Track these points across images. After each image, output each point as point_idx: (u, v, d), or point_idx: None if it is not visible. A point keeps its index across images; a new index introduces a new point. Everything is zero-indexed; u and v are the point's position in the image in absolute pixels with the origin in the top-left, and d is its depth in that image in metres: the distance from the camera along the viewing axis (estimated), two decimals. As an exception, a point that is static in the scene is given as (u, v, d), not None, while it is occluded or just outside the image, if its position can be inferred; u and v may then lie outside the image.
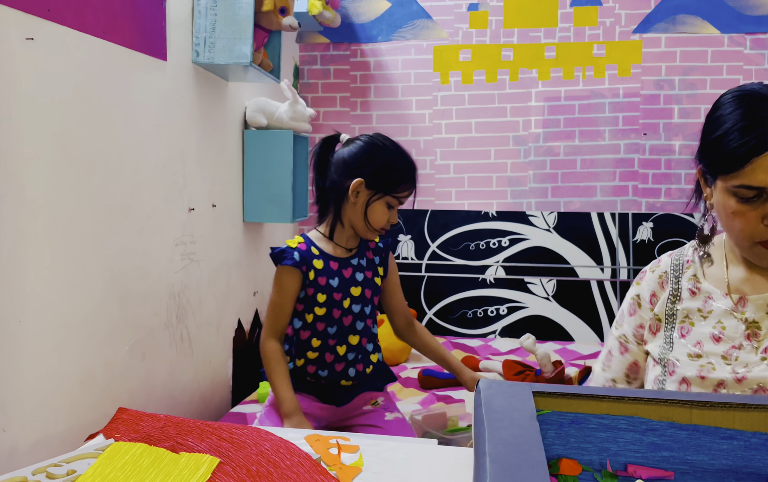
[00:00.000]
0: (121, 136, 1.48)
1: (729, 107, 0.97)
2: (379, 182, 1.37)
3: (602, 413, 0.75)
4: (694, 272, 1.09)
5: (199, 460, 0.80)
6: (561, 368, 2.03)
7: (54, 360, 1.27)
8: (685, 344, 1.05)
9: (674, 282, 1.10)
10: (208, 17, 1.80)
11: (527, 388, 0.75)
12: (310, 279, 1.37)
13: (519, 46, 2.74)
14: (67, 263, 1.31)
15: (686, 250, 1.13)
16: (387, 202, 1.39)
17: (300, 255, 1.37)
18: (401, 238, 2.81)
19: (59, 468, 0.80)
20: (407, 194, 1.42)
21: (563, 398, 0.75)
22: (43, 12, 1.21)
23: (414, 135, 2.82)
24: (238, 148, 2.18)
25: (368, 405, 1.45)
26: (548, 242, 2.73)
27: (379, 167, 1.37)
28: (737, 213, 0.95)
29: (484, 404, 0.70)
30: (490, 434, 0.62)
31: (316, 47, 2.88)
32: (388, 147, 1.40)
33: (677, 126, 2.63)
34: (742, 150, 0.91)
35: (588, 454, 0.75)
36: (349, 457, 0.88)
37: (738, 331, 1.01)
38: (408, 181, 1.41)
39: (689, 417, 0.74)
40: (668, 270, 1.12)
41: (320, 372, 1.40)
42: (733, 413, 0.73)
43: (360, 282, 1.41)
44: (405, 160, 1.41)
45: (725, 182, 0.96)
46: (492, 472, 0.54)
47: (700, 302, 1.06)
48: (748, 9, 2.58)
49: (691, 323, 1.06)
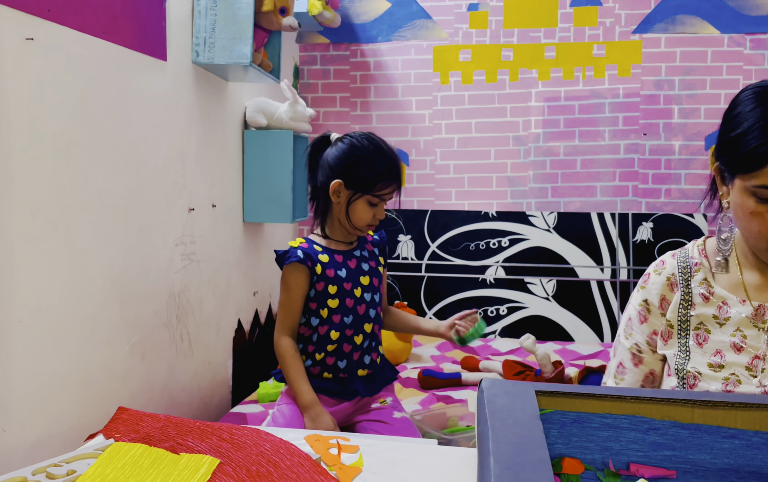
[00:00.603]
0: (121, 136, 1.48)
1: (749, 104, 0.93)
2: (357, 182, 1.39)
3: (604, 412, 0.75)
4: (704, 276, 1.04)
5: (199, 461, 0.80)
6: (561, 368, 2.03)
7: (54, 360, 1.27)
8: (704, 353, 1.00)
9: (684, 286, 1.05)
10: (208, 17, 1.80)
11: (530, 387, 0.75)
12: (317, 273, 1.39)
13: (519, 46, 2.74)
14: (67, 263, 1.31)
15: (691, 251, 1.08)
16: (368, 201, 1.40)
17: (304, 252, 1.40)
18: (401, 237, 2.81)
19: (59, 468, 0.80)
20: (389, 192, 1.41)
21: (565, 397, 0.75)
22: (43, 12, 1.21)
23: (414, 135, 2.82)
24: (238, 148, 2.18)
25: (377, 403, 1.47)
26: (548, 242, 2.73)
27: (356, 167, 1.38)
28: (756, 213, 0.93)
29: (487, 403, 0.70)
30: (493, 433, 0.62)
31: (316, 47, 2.88)
32: (365, 147, 1.40)
33: (677, 126, 2.63)
34: (763, 149, 0.88)
35: (590, 453, 0.75)
36: (349, 457, 0.88)
37: (761, 341, 0.97)
38: (387, 179, 1.40)
39: (691, 417, 0.74)
40: (676, 273, 1.06)
41: (339, 363, 1.42)
42: (734, 412, 0.73)
43: (367, 272, 1.45)
44: (383, 158, 1.40)
45: (744, 181, 0.93)
46: (496, 471, 0.54)
47: (714, 308, 1.01)
48: (748, 9, 2.58)
49: (706, 330, 1.01)
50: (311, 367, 1.43)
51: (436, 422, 1.53)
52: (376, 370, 1.47)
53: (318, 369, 1.43)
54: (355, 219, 1.41)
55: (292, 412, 1.39)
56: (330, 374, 1.42)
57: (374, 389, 1.46)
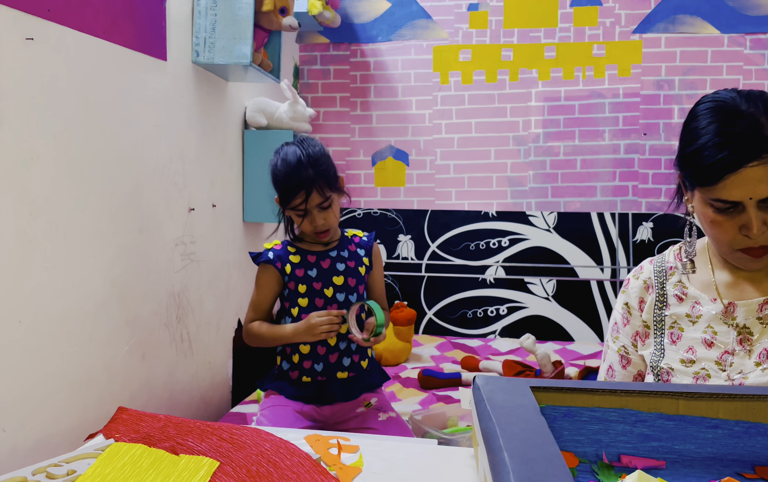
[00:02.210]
0: (121, 136, 1.48)
1: (704, 120, 0.96)
2: (280, 199, 1.43)
3: (594, 406, 0.77)
4: (678, 278, 1.09)
5: (198, 463, 0.80)
6: (561, 368, 2.03)
7: (54, 360, 1.27)
8: (677, 350, 1.04)
9: (659, 288, 1.10)
10: (208, 17, 1.80)
11: (524, 383, 0.77)
12: (287, 273, 1.43)
13: (519, 46, 2.74)
14: (67, 263, 1.31)
15: (667, 256, 1.13)
16: (294, 214, 1.42)
17: (275, 254, 1.44)
18: (401, 237, 2.81)
19: (59, 468, 0.80)
20: (299, 203, 1.39)
21: (557, 392, 0.77)
22: (43, 12, 1.21)
23: (414, 135, 2.82)
24: (238, 148, 2.18)
25: (361, 407, 1.46)
26: (548, 242, 2.73)
27: (274, 184, 1.42)
28: (715, 222, 0.97)
29: (486, 400, 0.71)
30: (501, 429, 0.63)
31: (316, 47, 2.88)
32: (273, 163, 1.42)
33: (677, 126, 2.63)
34: (717, 167, 0.91)
35: (582, 446, 0.77)
36: (349, 457, 0.88)
37: (730, 337, 1.00)
38: (293, 193, 1.38)
39: (676, 408, 0.77)
40: (652, 276, 1.11)
41: (316, 366, 1.42)
42: (717, 403, 0.76)
43: (342, 272, 1.45)
44: (286, 171, 1.38)
45: (703, 194, 0.97)
46: (513, 468, 0.55)
47: (688, 307, 1.06)
48: (748, 9, 2.58)
49: (680, 328, 1.06)
50: (290, 371, 1.43)
51: (436, 422, 1.53)
52: (360, 373, 1.46)
53: (297, 373, 1.43)
54: (302, 230, 1.44)
55: (275, 414, 1.39)
56: (308, 377, 1.42)
57: (354, 393, 1.44)
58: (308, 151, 1.39)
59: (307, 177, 1.36)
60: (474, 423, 0.77)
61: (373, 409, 1.46)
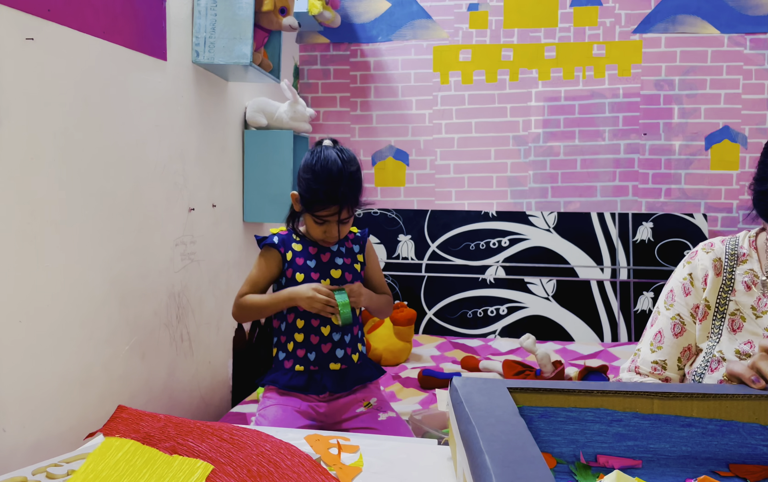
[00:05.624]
0: (121, 136, 1.48)
1: None
2: (304, 199, 1.41)
3: (570, 406, 0.78)
4: (751, 266, 1.06)
5: (192, 465, 0.79)
6: (561, 368, 2.03)
7: (54, 360, 1.27)
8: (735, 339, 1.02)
9: (728, 272, 1.07)
10: (208, 17, 1.80)
11: (501, 384, 0.77)
12: (287, 260, 1.45)
13: (519, 46, 2.74)
14: (67, 263, 1.31)
15: (741, 241, 1.10)
16: (314, 218, 1.41)
17: (279, 238, 1.47)
18: (401, 237, 2.81)
19: (59, 468, 0.80)
20: (327, 215, 1.39)
21: (533, 393, 0.78)
22: (43, 12, 1.21)
23: (414, 135, 2.82)
24: (238, 148, 2.18)
25: (361, 407, 1.46)
26: (548, 242, 2.73)
27: (303, 184, 1.40)
28: None
29: (464, 401, 0.71)
30: (480, 431, 0.63)
31: (316, 47, 2.88)
32: (312, 166, 1.39)
33: (677, 126, 2.63)
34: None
35: (558, 447, 0.77)
36: (349, 457, 0.88)
37: None
38: (324, 205, 1.37)
39: (651, 407, 0.78)
40: (723, 258, 1.08)
41: (309, 355, 1.43)
42: (691, 402, 0.78)
43: (340, 266, 1.47)
44: (322, 181, 1.36)
45: None
46: (495, 470, 0.55)
47: (754, 299, 1.03)
48: (748, 9, 2.58)
49: (742, 317, 1.03)
50: (285, 360, 1.45)
51: (436, 422, 1.53)
52: (352, 366, 1.47)
53: (291, 362, 1.44)
54: (310, 230, 1.45)
55: (273, 414, 1.39)
56: (301, 366, 1.43)
57: (346, 386, 1.44)
58: (350, 169, 1.38)
59: (343, 194, 1.36)
60: (452, 424, 0.77)
61: (373, 409, 1.46)
